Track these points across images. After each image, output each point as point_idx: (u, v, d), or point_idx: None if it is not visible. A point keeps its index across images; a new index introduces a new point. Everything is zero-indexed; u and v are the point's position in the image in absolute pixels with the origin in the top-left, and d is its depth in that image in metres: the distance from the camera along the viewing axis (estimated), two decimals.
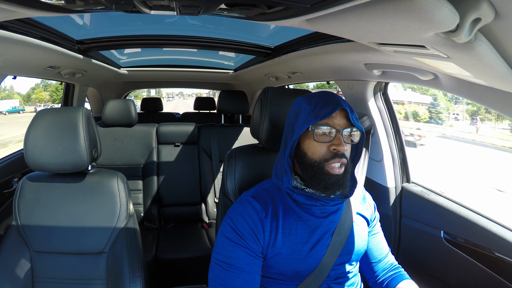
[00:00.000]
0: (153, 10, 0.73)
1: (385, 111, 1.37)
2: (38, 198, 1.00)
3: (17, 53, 1.13)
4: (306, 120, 0.75)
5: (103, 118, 2.01)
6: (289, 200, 0.80)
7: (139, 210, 2.01)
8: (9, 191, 1.44)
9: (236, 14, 0.79)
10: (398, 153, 1.35)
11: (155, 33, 1.63)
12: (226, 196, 0.99)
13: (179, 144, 2.14)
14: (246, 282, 0.74)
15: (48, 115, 0.98)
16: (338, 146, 0.73)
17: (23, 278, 0.95)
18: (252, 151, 1.03)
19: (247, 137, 2.18)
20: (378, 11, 0.48)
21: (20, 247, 0.97)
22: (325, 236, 0.79)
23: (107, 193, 1.02)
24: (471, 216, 1.04)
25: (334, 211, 0.81)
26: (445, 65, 0.67)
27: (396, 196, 1.32)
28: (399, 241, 1.31)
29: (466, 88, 0.86)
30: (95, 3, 0.70)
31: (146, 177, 2.05)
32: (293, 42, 1.40)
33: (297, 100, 0.81)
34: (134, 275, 0.96)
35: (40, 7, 0.68)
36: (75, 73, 1.78)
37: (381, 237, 0.94)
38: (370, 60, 1.05)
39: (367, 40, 0.70)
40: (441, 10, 0.41)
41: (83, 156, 0.96)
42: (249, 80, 2.67)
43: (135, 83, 3.05)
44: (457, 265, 1.07)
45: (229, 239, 0.76)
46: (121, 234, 1.00)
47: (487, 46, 0.49)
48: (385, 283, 0.89)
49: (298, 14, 0.66)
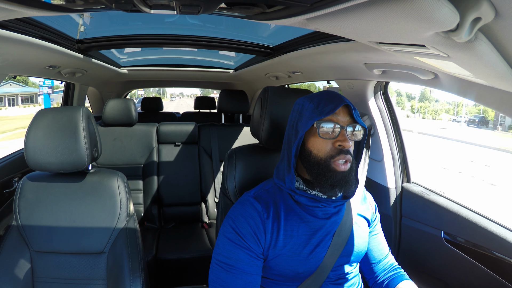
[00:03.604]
0: (153, 9, 0.73)
1: (386, 111, 1.36)
2: (38, 198, 1.00)
3: (17, 52, 1.13)
4: (311, 117, 0.75)
5: (103, 118, 2.01)
6: (291, 201, 0.79)
7: (139, 210, 2.01)
8: (10, 190, 1.44)
9: (236, 13, 0.79)
10: (399, 153, 1.35)
11: (155, 33, 1.63)
12: (226, 196, 0.99)
13: (179, 143, 2.14)
14: (247, 283, 0.73)
15: (49, 114, 0.98)
16: (343, 142, 0.73)
17: (23, 278, 0.95)
18: (252, 151, 1.03)
19: (247, 136, 2.17)
20: (378, 10, 0.48)
21: (20, 247, 0.97)
22: (326, 238, 0.78)
23: (108, 193, 1.02)
24: (471, 217, 1.03)
25: (336, 212, 0.81)
26: (445, 64, 0.67)
27: (397, 196, 1.32)
28: (400, 241, 1.31)
29: (466, 88, 0.86)
30: (95, 2, 0.70)
31: (146, 177, 2.05)
32: (293, 41, 1.40)
33: (299, 100, 0.81)
34: (134, 275, 0.96)
35: (40, 6, 0.68)
36: (75, 72, 1.78)
37: (382, 238, 0.93)
38: (370, 60, 1.05)
39: (367, 39, 0.70)
40: (441, 9, 0.41)
41: (83, 155, 0.96)
42: (249, 79, 2.67)
43: (135, 83, 3.05)
44: (457, 265, 1.07)
45: (230, 239, 0.76)
46: (121, 234, 1.00)
47: (487, 45, 0.49)
48: (385, 283, 0.89)
49: (298, 13, 0.65)
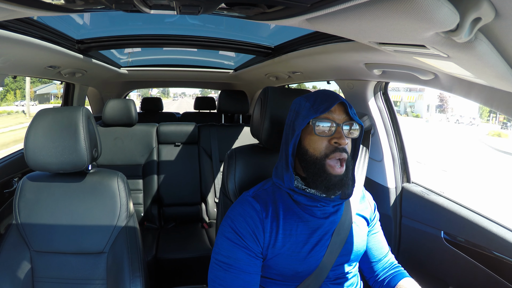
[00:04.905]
0: (153, 10, 0.73)
1: (385, 111, 1.36)
2: (38, 198, 1.00)
3: (17, 52, 1.13)
4: (307, 116, 0.75)
5: (103, 118, 2.01)
6: (290, 201, 0.80)
7: (139, 210, 2.01)
8: (9, 190, 1.44)
9: (236, 13, 0.79)
10: (398, 153, 1.35)
11: (155, 33, 1.63)
12: (226, 196, 0.99)
13: (179, 144, 2.14)
14: (246, 283, 0.73)
15: (48, 115, 0.98)
16: (339, 140, 0.74)
17: (23, 278, 0.95)
18: (252, 151, 1.03)
19: (247, 136, 2.17)
20: (378, 10, 0.48)
21: (20, 247, 0.97)
22: (325, 237, 0.79)
23: (107, 193, 1.02)
24: (471, 216, 1.04)
25: (334, 212, 0.81)
26: (445, 64, 0.67)
27: (396, 196, 1.32)
28: (399, 241, 1.31)
29: (466, 88, 0.86)
30: (95, 3, 0.70)
31: (146, 176, 2.05)
32: (293, 41, 1.40)
33: (296, 99, 0.82)
34: (134, 275, 0.96)
35: (40, 6, 0.68)
36: (75, 72, 1.78)
37: (381, 237, 0.93)
38: (370, 60, 1.05)
39: (367, 39, 0.70)
40: (441, 9, 0.41)
41: (83, 156, 0.96)
42: (249, 79, 2.66)
43: (135, 83, 3.05)
44: (457, 265, 1.07)
45: (229, 239, 0.76)
46: (121, 234, 1.00)
47: (487, 45, 0.49)
48: (386, 281, 0.89)
49: (298, 13, 0.65)
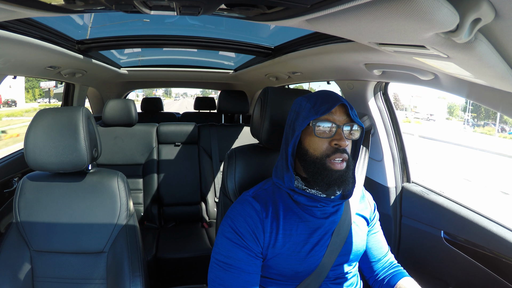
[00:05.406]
0: (153, 10, 0.73)
1: (385, 111, 1.37)
2: (38, 198, 1.00)
3: (17, 53, 1.13)
4: (307, 117, 0.75)
5: (103, 118, 2.01)
6: (290, 201, 0.80)
7: (139, 209, 2.01)
8: (10, 190, 1.44)
9: (236, 14, 0.79)
10: (398, 153, 1.35)
11: (155, 33, 1.63)
12: (226, 196, 0.99)
13: (179, 143, 2.14)
14: (246, 282, 0.73)
15: (49, 115, 0.98)
16: (339, 141, 0.73)
17: (23, 278, 0.95)
18: (252, 151, 1.03)
19: (247, 136, 2.18)
20: (378, 11, 0.48)
21: (20, 247, 0.97)
22: (325, 237, 0.79)
23: (107, 192, 1.02)
24: (471, 216, 1.04)
25: (334, 212, 0.81)
26: (445, 65, 0.67)
27: (396, 196, 1.32)
28: (399, 241, 1.31)
29: (466, 88, 0.86)
30: (95, 3, 0.70)
31: (146, 176, 2.06)
32: (293, 42, 1.40)
33: (297, 99, 0.82)
34: (134, 274, 0.96)
35: (40, 7, 0.68)
36: (75, 73, 1.78)
37: (381, 236, 0.94)
38: (370, 60, 1.05)
39: (367, 40, 0.70)
40: (441, 10, 0.41)
41: (83, 155, 0.96)
42: (249, 80, 2.67)
43: (135, 83, 3.05)
44: (457, 265, 1.07)
45: (228, 239, 0.76)
46: (121, 234, 1.00)
47: (487, 46, 0.49)
48: (386, 280, 0.89)
49: (298, 14, 0.66)
